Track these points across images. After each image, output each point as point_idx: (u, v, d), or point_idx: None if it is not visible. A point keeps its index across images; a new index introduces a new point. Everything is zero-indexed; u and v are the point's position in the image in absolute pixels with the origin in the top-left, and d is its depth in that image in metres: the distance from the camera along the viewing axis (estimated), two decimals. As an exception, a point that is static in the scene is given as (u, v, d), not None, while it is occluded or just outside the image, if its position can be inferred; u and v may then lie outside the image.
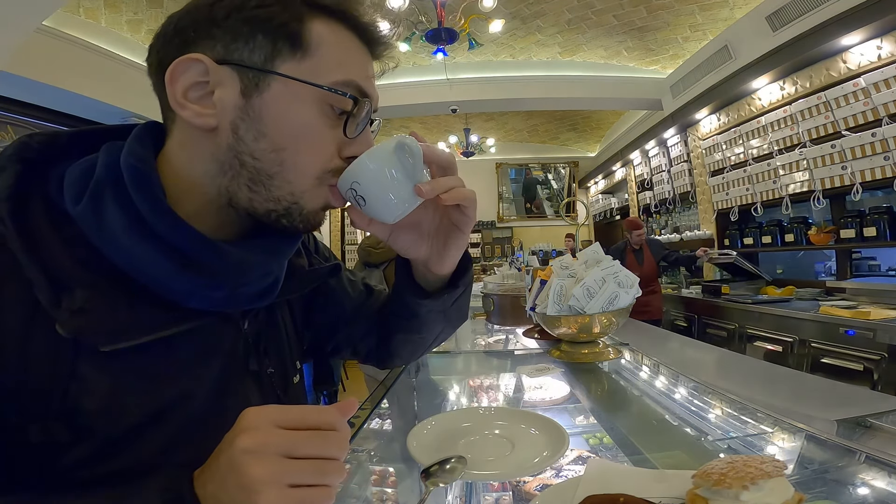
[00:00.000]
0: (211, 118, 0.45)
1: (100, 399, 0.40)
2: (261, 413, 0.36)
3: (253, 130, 0.45)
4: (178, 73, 0.44)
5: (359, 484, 0.80)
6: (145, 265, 0.42)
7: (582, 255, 1.27)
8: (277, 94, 0.45)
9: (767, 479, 0.41)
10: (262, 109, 0.45)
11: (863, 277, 3.31)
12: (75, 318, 0.38)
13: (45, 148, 0.45)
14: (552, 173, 8.90)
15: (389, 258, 2.61)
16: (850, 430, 0.74)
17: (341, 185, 0.49)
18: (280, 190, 0.46)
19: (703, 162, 4.68)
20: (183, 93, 0.44)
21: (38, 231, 0.40)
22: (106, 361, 0.40)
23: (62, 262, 0.40)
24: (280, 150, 0.45)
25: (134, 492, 0.36)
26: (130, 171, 0.43)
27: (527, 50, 4.85)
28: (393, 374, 1.30)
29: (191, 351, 0.46)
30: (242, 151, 0.45)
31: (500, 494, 0.82)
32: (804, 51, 3.19)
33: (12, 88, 3.34)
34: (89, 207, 0.42)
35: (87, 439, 0.40)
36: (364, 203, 0.49)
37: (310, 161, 0.47)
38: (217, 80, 0.44)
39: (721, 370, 1.43)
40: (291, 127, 0.46)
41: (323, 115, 0.47)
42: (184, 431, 0.44)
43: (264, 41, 0.44)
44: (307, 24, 0.45)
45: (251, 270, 0.48)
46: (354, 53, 0.49)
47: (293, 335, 0.64)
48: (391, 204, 0.49)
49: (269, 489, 0.33)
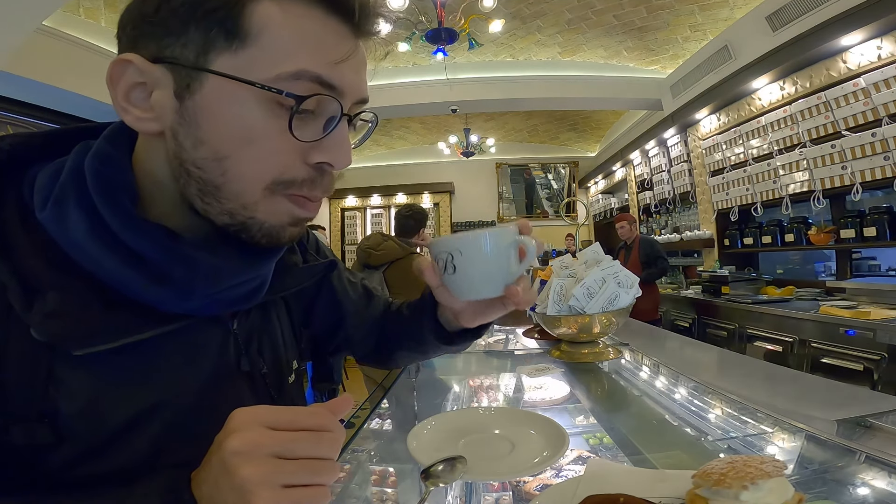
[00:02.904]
0: (152, 122, 0.41)
1: (80, 402, 0.39)
2: (250, 414, 0.36)
3: (191, 137, 0.40)
4: (116, 75, 0.41)
5: (359, 484, 0.80)
6: (113, 275, 0.40)
7: (582, 255, 1.27)
8: (211, 94, 0.39)
9: (767, 479, 0.41)
10: (196, 113, 0.40)
11: (863, 277, 3.31)
12: (48, 321, 0.37)
13: (17, 150, 0.44)
14: (552, 173, 8.89)
15: (389, 260, 2.60)
16: (850, 430, 0.74)
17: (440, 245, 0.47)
18: (230, 203, 0.41)
19: (703, 162, 4.68)
20: (124, 95, 0.41)
21: (10, 235, 0.39)
22: (84, 364, 0.39)
23: (34, 266, 0.39)
24: (222, 158, 0.40)
25: (133, 493, 0.36)
26: (93, 175, 0.41)
27: (527, 50, 4.85)
28: (392, 375, 1.30)
29: (174, 352, 0.45)
30: (185, 160, 0.41)
31: (500, 494, 0.81)
32: (804, 51, 3.19)
33: (12, 88, 3.35)
34: (53, 213, 0.40)
35: (71, 441, 0.39)
36: (451, 272, 0.47)
37: (257, 169, 0.41)
38: (153, 81, 0.41)
39: (721, 370, 1.43)
40: (231, 132, 0.40)
41: (271, 115, 0.40)
42: (172, 433, 0.43)
43: (196, 33, 0.39)
44: (248, 8, 0.39)
45: (224, 280, 0.45)
46: (314, 35, 0.41)
47: (289, 334, 0.62)
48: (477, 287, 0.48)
49: (262, 490, 0.32)
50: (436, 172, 8.53)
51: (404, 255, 2.60)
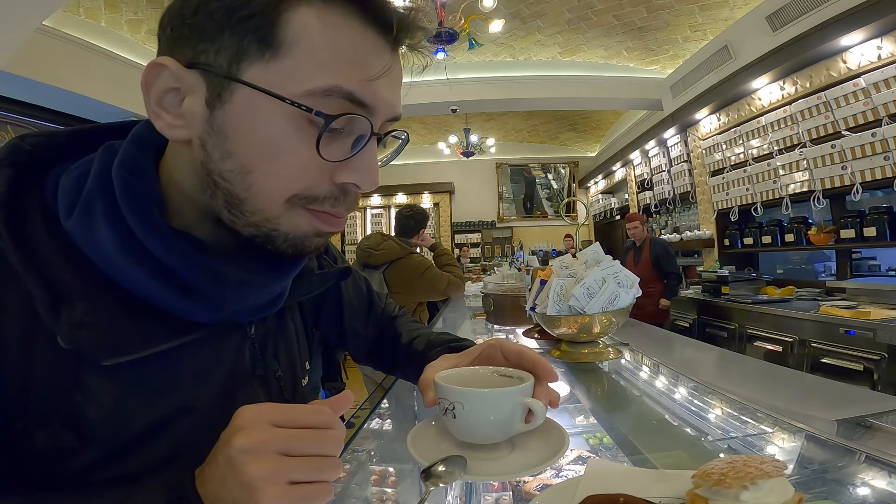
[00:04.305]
0: (181, 130, 0.40)
1: (105, 408, 0.40)
2: (256, 412, 0.36)
3: (219, 148, 0.39)
4: (151, 79, 0.39)
5: (359, 484, 0.80)
6: (141, 287, 0.40)
7: (582, 255, 1.27)
8: (241, 105, 0.38)
9: (767, 479, 0.40)
10: (225, 123, 0.39)
11: (863, 277, 3.31)
12: (75, 332, 0.37)
13: (39, 150, 0.43)
14: (552, 173, 8.90)
15: (389, 260, 2.60)
16: (850, 430, 0.74)
17: (443, 391, 0.47)
18: (254, 216, 0.41)
19: (703, 162, 4.68)
20: (157, 100, 0.40)
21: (35, 241, 0.39)
22: (110, 372, 0.39)
23: (61, 274, 0.38)
24: (247, 172, 0.39)
25: (137, 492, 0.36)
26: (122, 185, 0.40)
27: (527, 50, 4.85)
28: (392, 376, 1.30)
29: (195, 359, 0.45)
30: (213, 171, 0.40)
31: (500, 494, 0.82)
32: (804, 51, 3.19)
33: (12, 88, 3.35)
34: (80, 223, 0.39)
35: (94, 445, 0.39)
36: (451, 418, 0.47)
37: (279, 185, 0.40)
38: (186, 87, 0.39)
39: (721, 370, 1.43)
40: (258, 145, 0.39)
41: (299, 131, 0.38)
42: (190, 437, 0.44)
43: (230, 40, 0.37)
44: (284, 15, 0.37)
45: (252, 293, 0.46)
46: (349, 48, 0.39)
47: (302, 335, 0.63)
48: (475, 437, 0.48)
49: (269, 486, 0.33)
50: (436, 172, 8.54)
51: (404, 255, 2.60)
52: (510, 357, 0.57)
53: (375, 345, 0.79)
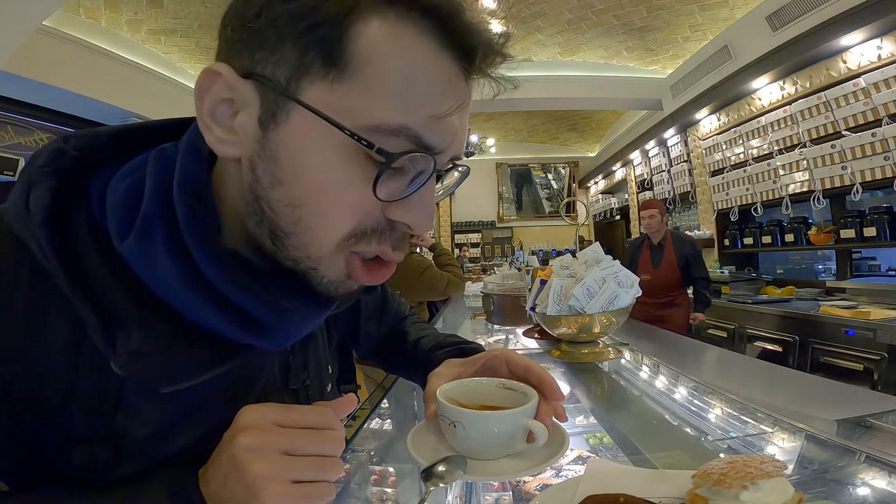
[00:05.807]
0: (232, 146, 0.36)
1: (149, 427, 0.39)
2: (259, 411, 0.36)
3: (269, 174, 0.35)
4: (204, 87, 0.35)
5: (359, 484, 0.81)
6: (203, 318, 0.38)
7: (582, 255, 1.27)
8: (297, 128, 0.34)
9: (767, 479, 0.41)
10: (278, 147, 0.35)
11: (863, 277, 3.31)
12: (134, 361, 0.35)
13: (84, 154, 0.39)
14: (552, 173, 8.90)
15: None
16: (850, 430, 0.73)
17: (445, 409, 0.48)
18: (297, 251, 0.37)
19: (703, 162, 4.68)
20: (210, 111, 0.36)
21: (85, 260, 0.35)
22: (158, 394, 0.38)
23: (115, 300, 0.35)
24: (297, 205, 0.35)
25: (141, 492, 0.36)
26: (187, 212, 0.36)
27: (527, 50, 4.85)
28: (392, 375, 1.30)
29: (238, 377, 0.45)
30: (261, 197, 0.36)
31: (500, 494, 0.82)
32: (804, 51, 3.19)
33: (12, 88, 3.34)
34: (138, 248, 0.35)
35: (131, 462, 0.39)
36: (453, 436, 0.48)
37: (329, 223, 0.36)
38: (240, 100, 0.35)
39: (721, 370, 1.43)
40: (310, 177, 0.35)
41: (356, 164, 0.34)
42: None
43: (292, 52, 0.33)
44: (354, 28, 0.32)
45: (308, 325, 0.45)
46: (421, 79, 0.34)
47: (325, 342, 0.63)
48: (476, 454, 0.49)
49: (272, 485, 0.33)
50: (436, 172, 8.53)
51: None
52: (516, 371, 0.55)
53: (383, 343, 0.80)
